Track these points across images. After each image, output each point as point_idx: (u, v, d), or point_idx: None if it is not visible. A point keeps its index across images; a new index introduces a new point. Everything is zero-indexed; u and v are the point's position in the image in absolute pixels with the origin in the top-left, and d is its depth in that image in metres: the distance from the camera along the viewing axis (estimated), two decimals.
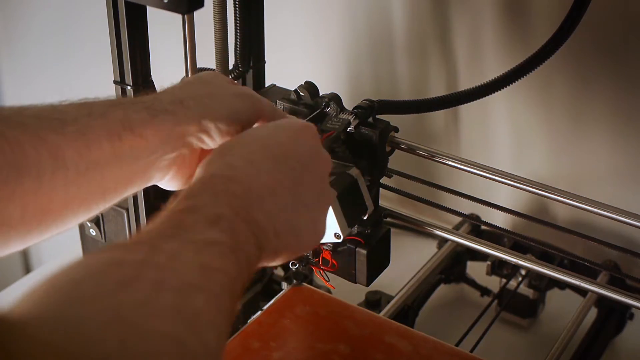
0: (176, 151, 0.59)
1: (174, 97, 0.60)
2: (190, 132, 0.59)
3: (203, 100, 0.60)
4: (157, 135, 0.57)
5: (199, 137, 0.60)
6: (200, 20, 0.83)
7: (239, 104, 0.62)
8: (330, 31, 1.30)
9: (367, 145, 0.76)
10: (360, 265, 0.75)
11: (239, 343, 0.75)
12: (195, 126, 0.59)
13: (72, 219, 0.57)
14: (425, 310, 1.04)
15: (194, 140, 0.60)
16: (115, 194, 0.58)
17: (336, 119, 0.75)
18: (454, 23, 1.18)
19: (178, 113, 0.58)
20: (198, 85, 0.63)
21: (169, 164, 0.60)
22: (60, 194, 0.53)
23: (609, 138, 1.12)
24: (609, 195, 1.06)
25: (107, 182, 0.56)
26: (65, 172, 0.53)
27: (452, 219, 1.13)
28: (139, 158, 0.57)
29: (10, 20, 1.66)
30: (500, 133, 1.22)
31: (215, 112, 0.60)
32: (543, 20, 1.07)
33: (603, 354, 1.01)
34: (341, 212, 0.68)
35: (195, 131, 0.59)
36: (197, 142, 0.60)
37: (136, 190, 0.61)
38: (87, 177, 0.54)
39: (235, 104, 0.61)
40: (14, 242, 0.53)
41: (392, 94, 1.28)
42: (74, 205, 0.55)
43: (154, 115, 0.57)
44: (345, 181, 0.70)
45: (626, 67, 1.07)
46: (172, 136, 0.58)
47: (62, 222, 0.56)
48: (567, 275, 0.77)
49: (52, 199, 0.53)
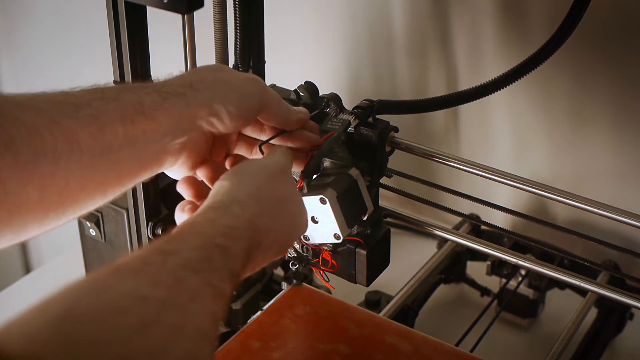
0: (187, 134, 0.60)
1: (184, 81, 0.60)
2: (201, 116, 0.60)
3: (213, 83, 0.61)
4: (169, 118, 0.58)
5: (209, 120, 0.60)
6: (200, 20, 0.83)
7: (249, 88, 0.62)
8: (330, 31, 1.30)
9: (367, 146, 0.76)
10: (360, 265, 0.75)
11: (239, 343, 0.75)
12: (206, 109, 0.60)
13: (89, 203, 0.57)
14: (425, 310, 1.04)
15: (204, 124, 0.61)
16: (130, 179, 0.59)
17: (336, 120, 0.75)
18: (454, 23, 1.18)
19: (188, 96, 0.59)
20: (208, 70, 0.63)
21: (180, 148, 0.61)
22: (77, 178, 0.54)
23: (609, 138, 1.12)
24: (609, 195, 1.06)
25: (121, 166, 0.57)
26: (80, 155, 0.53)
27: (452, 219, 1.13)
28: (152, 141, 0.58)
29: (10, 20, 1.66)
30: (500, 133, 1.22)
31: (225, 96, 0.60)
32: (543, 20, 1.07)
33: (603, 354, 1.01)
34: (341, 212, 0.68)
35: (205, 114, 0.60)
36: (208, 126, 0.61)
37: (150, 176, 0.61)
38: (102, 161, 0.55)
39: (245, 88, 0.62)
40: (31, 225, 0.53)
41: (392, 94, 1.28)
42: (90, 189, 0.56)
43: (165, 99, 0.58)
44: (344, 182, 0.70)
45: (626, 68, 1.07)
46: (183, 119, 0.59)
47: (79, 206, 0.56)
48: (567, 275, 0.76)
49: (68, 183, 0.54)
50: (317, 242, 0.72)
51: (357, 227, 0.74)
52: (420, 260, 1.07)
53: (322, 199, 0.66)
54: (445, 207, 0.83)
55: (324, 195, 0.66)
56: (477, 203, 0.81)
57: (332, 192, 0.67)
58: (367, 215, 0.73)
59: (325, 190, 0.67)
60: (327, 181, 0.68)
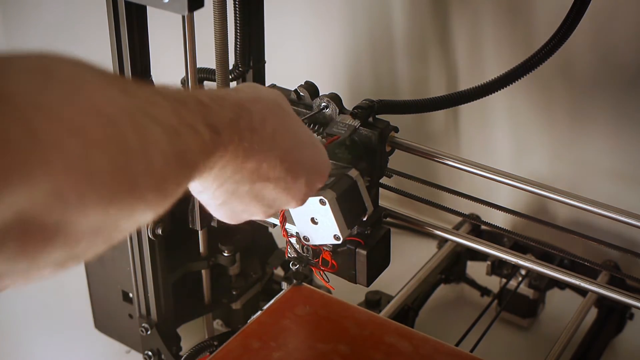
0: None
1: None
2: None
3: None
4: None
5: None
6: (200, 20, 0.83)
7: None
8: (330, 31, 1.30)
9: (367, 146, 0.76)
10: (360, 265, 0.75)
11: (239, 343, 0.75)
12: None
13: None
14: (425, 310, 1.04)
15: None
16: None
17: (342, 124, 0.75)
18: (454, 23, 1.18)
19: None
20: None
21: None
22: None
23: (609, 138, 1.12)
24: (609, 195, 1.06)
25: None
26: None
27: (452, 219, 1.13)
28: None
29: (10, 20, 1.66)
30: (500, 133, 1.22)
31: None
32: (543, 20, 1.07)
33: (603, 354, 1.01)
34: (340, 214, 0.68)
35: None
36: None
37: None
38: None
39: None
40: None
41: (392, 94, 1.28)
42: None
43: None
44: (344, 183, 0.70)
45: (626, 68, 1.07)
46: None
47: None
48: (567, 275, 0.76)
49: None
50: (317, 243, 0.72)
51: (357, 227, 0.74)
52: (420, 260, 1.07)
53: (322, 200, 0.66)
54: (445, 207, 0.83)
55: (323, 196, 0.66)
56: (477, 203, 0.81)
57: (332, 193, 0.67)
58: (366, 215, 0.73)
59: (324, 191, 0.67)
60: (327, 182, 0.68)
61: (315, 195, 0.66)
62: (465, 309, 1.13)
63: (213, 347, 0.99)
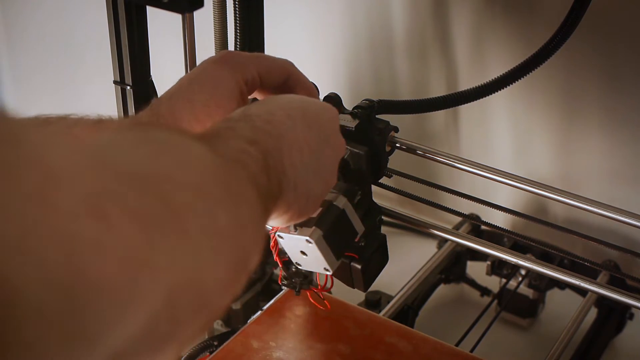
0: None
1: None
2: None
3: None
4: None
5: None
6: (200, 20, 0.83)
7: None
8: (330, 31, 1.30)
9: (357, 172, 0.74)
10: (356, 276, 0.74)
11: (239, 343, 0.75)
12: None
13: None
14: (425, 310, 1.04)
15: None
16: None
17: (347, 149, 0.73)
18: (454, 23, 1.18)
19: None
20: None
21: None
22: None
23: (608, 138, 1.12)
24: (609, 195, 1.06)
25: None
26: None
27: (452, 219, 1.13)
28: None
29: (10, 20, 1.66)
30: (500, 133, 1.22)
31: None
32: (543, 20, 1.07)
33: (603, 354, 1.01)
34: (328, 249, 0.65)
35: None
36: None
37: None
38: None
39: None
40: None
41: (392, 94, 1.28)
42: None
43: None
44: (331, 214, 0.67)
45: (626, 68, 1.07)
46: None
47: None
48: (567, 275, 0.76)
49: None
50: (308, 270, 0.71)
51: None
52: (420, 260, 1.07)
53: (308, 240, 0.64)
54: (445, 207, 0.83)
55: (309, 237, 0.64)
56: (477, 203, 0.81)
57: (318, 232, 0.64)
58: (358, 237, 0.70)
59: (310, 230, 0.64)
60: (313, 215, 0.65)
61: (301, 235, 0.64)
62: (465, 309, 1.12)
63: (213, 347, 0.99)
